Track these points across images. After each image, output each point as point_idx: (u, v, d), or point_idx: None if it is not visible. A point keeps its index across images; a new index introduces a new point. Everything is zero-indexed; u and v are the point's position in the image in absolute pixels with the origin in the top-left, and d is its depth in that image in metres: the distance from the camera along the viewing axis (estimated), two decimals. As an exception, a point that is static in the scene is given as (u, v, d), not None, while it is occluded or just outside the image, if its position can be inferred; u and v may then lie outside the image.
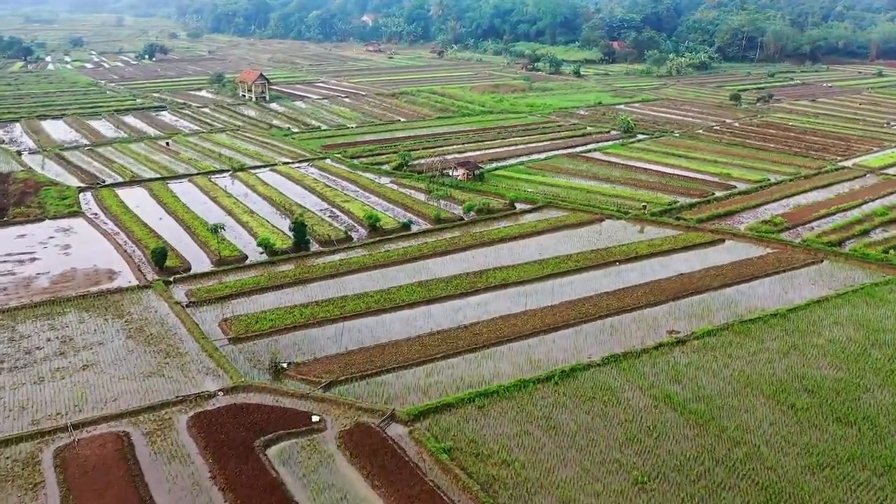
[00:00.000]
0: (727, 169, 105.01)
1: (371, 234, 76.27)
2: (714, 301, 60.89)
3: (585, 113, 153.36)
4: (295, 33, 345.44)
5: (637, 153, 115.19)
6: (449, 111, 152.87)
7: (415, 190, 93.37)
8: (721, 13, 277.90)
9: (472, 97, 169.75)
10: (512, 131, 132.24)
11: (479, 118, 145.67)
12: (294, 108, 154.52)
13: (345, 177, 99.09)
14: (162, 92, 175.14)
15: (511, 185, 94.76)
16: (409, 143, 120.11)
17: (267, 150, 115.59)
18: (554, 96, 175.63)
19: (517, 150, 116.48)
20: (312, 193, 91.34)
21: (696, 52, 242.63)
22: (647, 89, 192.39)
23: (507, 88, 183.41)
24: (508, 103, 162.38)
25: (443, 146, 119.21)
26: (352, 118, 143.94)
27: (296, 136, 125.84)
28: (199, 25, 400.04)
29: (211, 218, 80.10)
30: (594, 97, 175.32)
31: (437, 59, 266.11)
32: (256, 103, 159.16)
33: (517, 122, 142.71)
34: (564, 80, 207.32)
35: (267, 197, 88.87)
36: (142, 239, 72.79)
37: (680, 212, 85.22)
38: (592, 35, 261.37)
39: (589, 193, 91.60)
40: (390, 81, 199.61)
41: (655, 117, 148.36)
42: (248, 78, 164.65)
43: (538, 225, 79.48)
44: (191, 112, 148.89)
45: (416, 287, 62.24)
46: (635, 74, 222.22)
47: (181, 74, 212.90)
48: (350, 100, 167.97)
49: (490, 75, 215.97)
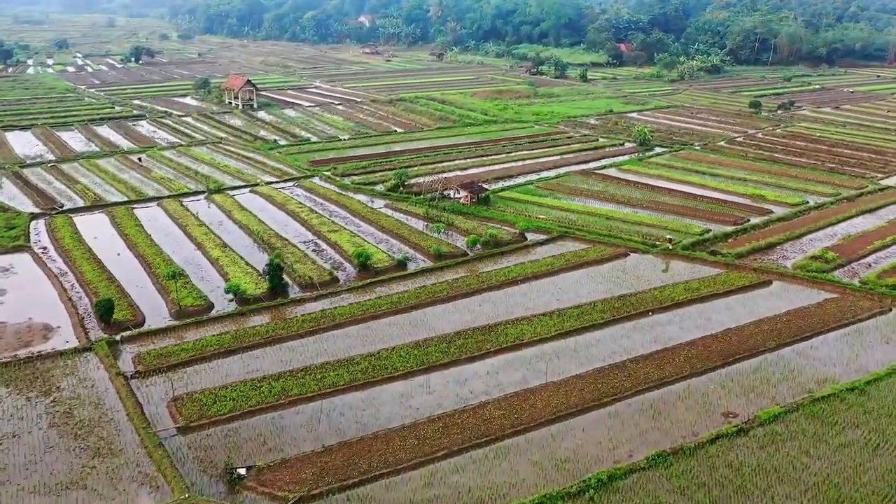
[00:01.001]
0: (759, 189, 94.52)
1: (361, 274, 65.70)
2: (773, 368, 50.31)
3: (596, 122, 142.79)
4: (289, 35, 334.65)
5: (657, 170, 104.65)
6: (449, 120, 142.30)
7: (412, 216, 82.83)
8: (731, 14, 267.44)
9: (474, 104, 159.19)
10: (518, 144, 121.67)
11: (481, 128, 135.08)
12: (283, 117, 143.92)
13: (333, 200, 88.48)
14: (144, 98, 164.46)
15: (520, 210, 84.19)
16: (405, 159, 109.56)
17: (249, 166, 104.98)
18: (561, 103, 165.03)
19: (525, 167, 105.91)
20: (296, 220, 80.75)
21: (707, 55, 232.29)
22: (659, 95, 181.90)
23: (510, 94, 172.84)
24: (512, 111, 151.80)
25: (443, 161, 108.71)
26: (344, 128, 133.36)
27: (282, 150, 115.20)
28: (192, 26, 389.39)
29: (177, 253, 69.61)
30: (604, 104, 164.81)
31: (436, 62, 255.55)
32: (243, 112, 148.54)
33: (523, 132, 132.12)
34: (570, 84, 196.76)
35: (244, 225, 78.23)
36: (92, 282, 62.17)
37: (714, 243, 74.65)
38: (598, 37, 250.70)
39: (608, 220, 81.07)
40: (387, 86, 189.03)
41: (671, 127, 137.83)
42: (234, 84, 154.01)
43: (554, 262, 68.85)
44: (171, 122, 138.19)
45: (413, 349, 51.67)
46: (645, 79, 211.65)
47: (167, 79, 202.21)
48: (343, 107, 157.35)
49: (492, 80, 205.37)
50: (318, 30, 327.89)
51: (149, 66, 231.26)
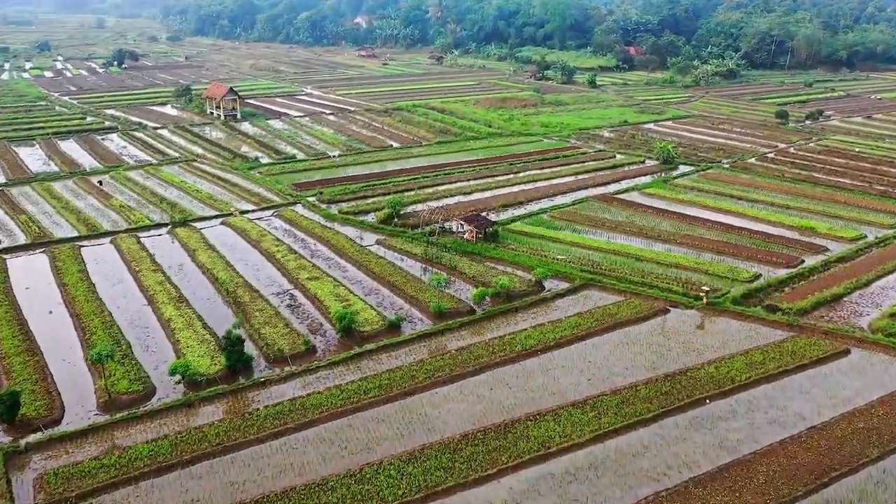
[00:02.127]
0: (806, 219, 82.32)
1: (344, 339, 53.46)
2: (882, 492, 38.13)
3: (611, 135, 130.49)
4: (283, 36, 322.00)
5: (686, 194, 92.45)
6: (450, 133, 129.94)
7: (408, 256, 70.61)
8: (745, 15, 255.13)
9: (477, 114, 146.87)
10: (526, 161, 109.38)
11: (485, 143, 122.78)
12: (268, 130, 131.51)
13: (317, 235, 76.11)
14: (120, 107, 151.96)
15: (534, 248, 71.93)
16: (401, 181, 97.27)
17: (224, 190, 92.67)
18: (570, 112, 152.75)
19: (536, 190, 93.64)
20: (271, 262, 68.46)
21: (720, 59, 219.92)
22: (675, 102, 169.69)
23: (515, 102, 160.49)
24: (519, 122, 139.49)
25: (443, 184, 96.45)
26: (335, 143, 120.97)
27: (263, 171, 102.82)
28: (183, 27, 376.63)
29: (123, 309, 57.49)
30: (617, 113, 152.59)
31: (435, 66, 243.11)
32: (225, 123, 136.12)
33: (531, 147, 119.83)
34: (579, 91, 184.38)
35: (208, 270, 65.92)
36: (7, 355, 49.89)
37: (769, 294, 62.46)
38: (606, 39, 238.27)
39: (639, 261, 68.86)
40: (383, 93, 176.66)
41: (693, 140, 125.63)
42: (215, 93, 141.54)
43: (580, 322, 56.55)
44: (145, 135, 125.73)
45: (406, 463, 39.40)
46: (657, 84, 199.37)
47: (149, 85, 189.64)
48: (335, 117, 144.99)
49: (495, 85, 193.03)
50: (312, 31, 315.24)
51: (132, 71, 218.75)
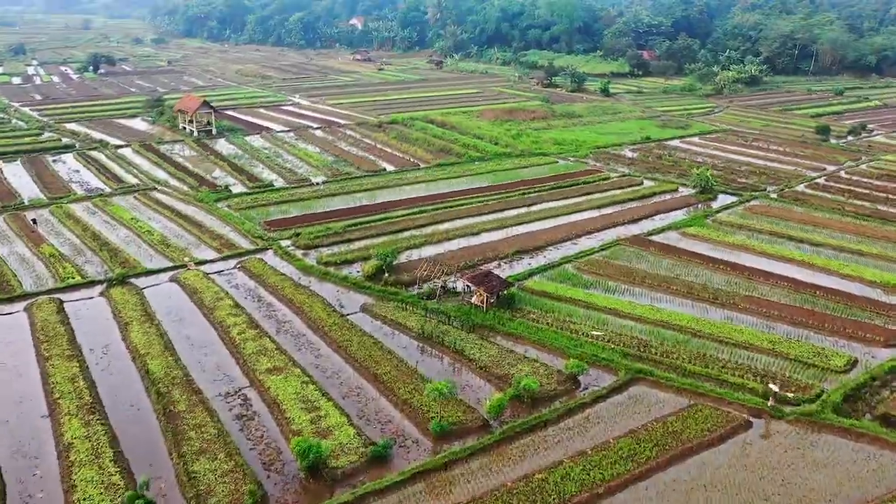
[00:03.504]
0: (888, 271, 67.31)
1: (309, 481, 38.25)
2: None
3: (633, 155, 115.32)
4: (274, 38, 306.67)
5: (735, 235, 77.30)
6: (452, 153, 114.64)
7: (400, 330, 55.52)
8: (763, 16, 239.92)
9: (481, 128, 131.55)
10: (541, 190, 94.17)
11: (492, 165, 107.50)
12: (245, 148, 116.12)
13: (287, 299, 60.78)
14: (84, 120, 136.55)
15: (561, 318, 56.81)
16: (395, 216, 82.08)
17: (183, 230, 77.35)
18: (585, 126, 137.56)
19: (556, 230, 78.38)
20: (223, 343, 53.19)
21: (740, 64, 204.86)
22: (697, 113, 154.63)
23: (523, 115, 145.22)
24: (529, 139, 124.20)
25: (445, 220, 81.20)
26: (320, 165, 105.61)
27: (233, 203, 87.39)
28: (171, 29, 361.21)
29: (9, 426, 42.18)
30: (636, 127, 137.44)
31: (434, 71, 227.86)
32: (197, 140, 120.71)
33: (545, 170, 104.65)
34: (591, 100, 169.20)
35: (139, 356, 50.59)
36: None
37: (876, 391, 47.40)
38: (617, 43, 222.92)
39: (696, 337, 53.93)
40: (377, 103, 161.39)
41: (728, 162, 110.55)
42: (188, 106, 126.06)
43: (634, 449, 41.17)
44: (104, 156, 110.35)
45: None
46: (675, 92, 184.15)
47: (123, 93, 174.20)
48: (323, 133, 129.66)
49: (499, 94, 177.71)
50: (305, 33, 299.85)
51: (108, 77, 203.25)
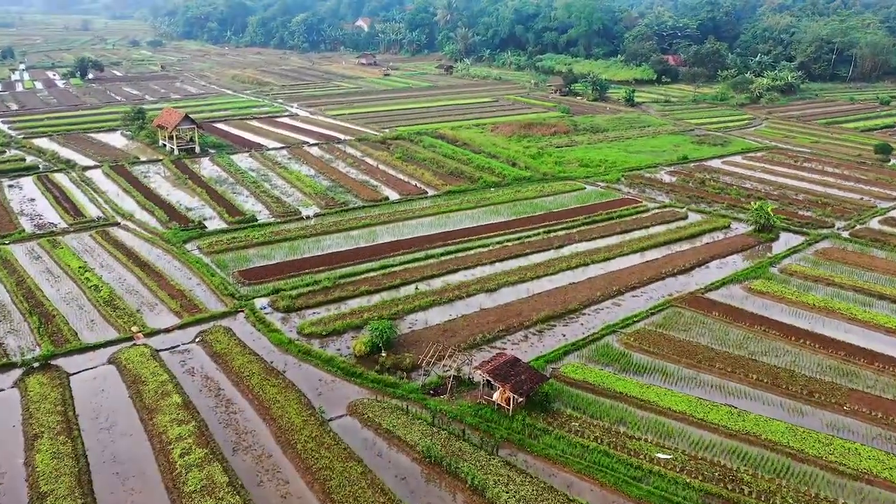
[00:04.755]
0: None
1: None
2: None
3: (671, 179, 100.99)
4: (277, 41, 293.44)
5: (813, 293, 62.96)
6: (464, 176, 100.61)
7: (399, 448, 41.61)
8: (794, 18, 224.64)
9: (497, 145, 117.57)
10: (570, 226, 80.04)
11: (510, 192, 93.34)
12: (230, 170, 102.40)
13: (254, 392, 46.89)
14: (57, 134, 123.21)
15: (611, 426, 42.89)
16: (396, 265, 68.15)
17: (139, 284, 63.54)
18: (612, 143, 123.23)
19: (591, 284, 64.25)
20: (157, 473, 39.37)
21: (773, 69, 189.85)
22: (734, 126, 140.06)
23: (543, 129, 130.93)
24: (551, 159, 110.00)
25: (456, 270, 67.22)
26: (313, 192, 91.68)
27: (205, 244, 73.62)
28: (171, 30, 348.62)
29: None
30: (668, 143, 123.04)
31: (444, 77, 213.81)
32: (177, 160, 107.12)
33: (572, 199, 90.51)
34: (615, 110, 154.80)
35: (37, 498, 36.88)
36: None
37: None
38: (640, 47, 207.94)
39: (797, 461, 40.07)
40: (382, 114, 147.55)
41: (781, 187, 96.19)
42: (168, 121, 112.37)
43: None
44: (68, 179, 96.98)
45: None
46: (705, 101, 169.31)
47: (107, 102, 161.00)
48: (320, 150, 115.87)
49: (514, 103, 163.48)
50: (308, 35, 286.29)
51: (95, 84, 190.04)
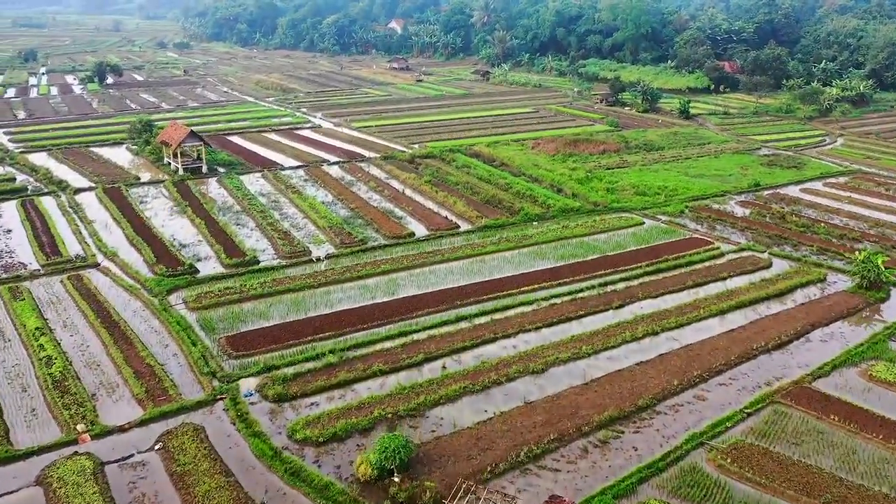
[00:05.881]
0: None
1: None
2: None
3: (744, 211, 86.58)
4: (307, 43, 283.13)
5: (958, 386, 48.65)
6: (502, 205, 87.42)
7: None
8: (860, 21, 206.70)
9: (539, 165, 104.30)
10: (630, 276, 66.40)
11: (557, 229, 79.75)
12: (238, 195, 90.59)
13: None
14: (58, 148, 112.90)
15: None
16: (417, 330, 55.28)
17: (101, 354, 51.55)
18: (669, 164, 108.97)
19: (665, 367, 50.62)
20: None
21: (840, 78, 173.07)
22: (805, 144, 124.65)
23: (591, 146, 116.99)
24: (602, 184, 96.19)
25: (494, 339, 54.15)
26: (328, 225, 79.12)
27: (194, 294, 61.52)
28: (200, 31, 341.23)
29: None
30: (733, 164, 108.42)
31: (479, 83, 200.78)
32: (181, 181, 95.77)
33: (629, 238, 76.66)
34: (669, 123, 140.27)
35: None
36: None
37: None
38: (693, 52, 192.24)
39: None
40: (412, 126, 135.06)
41: (878, 224, 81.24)
42: (172, 137, 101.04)
43: None
44: (58, 203, 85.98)
45: None
46: (768, 113, 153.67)
47: (120, 110, 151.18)
48: (340, 170, 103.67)
49: (557, 115, 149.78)
50: (339, 37, 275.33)
51: (112, 89, 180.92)
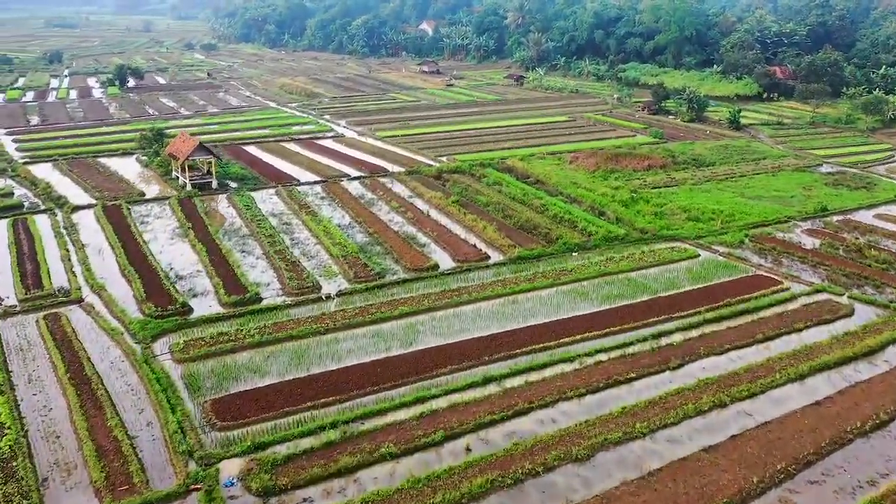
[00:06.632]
0: None
1: None
2: None
3: (813, 242, 76.24)
4: (335, 45, 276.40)
5: None
6: (537, 231, 78.19)
7: None
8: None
9: (577, 183, 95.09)
10: (687, 323, 56.86)
11: (599, 261, 70.23)
12: (248, 215, 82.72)
13: None
14: (65, 158, 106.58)
15: None
16: (436, 395, 46.42)
17: (64, 421, 43.66)
18: (721, 182, 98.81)
19: (741, 458, 40.93)
20: None
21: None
22: (872, 160, 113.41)
23: (634, 161, 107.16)
24: (648, 206, 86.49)
25: (526, 409, 45.03)
26: (342, 253, 70.60)
27: (182, 342, 53.47)
28: (229, 32, 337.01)
29: None
30: (795, 184, 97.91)
31: (513, 88, 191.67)
32: (188, 199, 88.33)
33: (682, 274, 66.94)
34: (717, 135, 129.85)
35: None
36: None
37: None
38: (741, 57, 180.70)
39: None
40: (439, 137, 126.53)
41: (973, 262, 70.48)
42: (180, 150, 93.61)
43: None
44: (52, 224, 79.00)
45: None
46: (826, 124, 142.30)
47: (137, 115, 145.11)
48: (359, 187, 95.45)
49: (596, 124, 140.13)
50: (368, 39, 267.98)
51: (132, 93, 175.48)
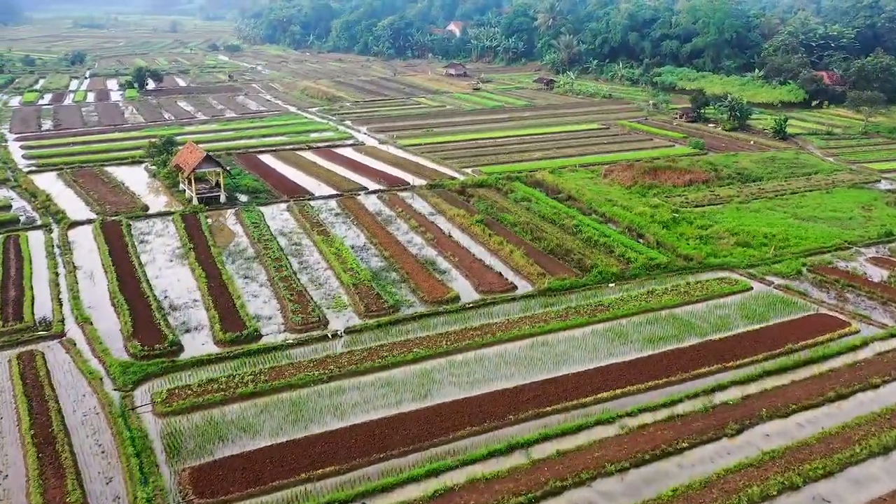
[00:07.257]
0: None
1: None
2: None
3: (880, 273, 67.83)
4: (361, 46, 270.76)
5: None
6: (570, 258, 70.78)
7: None
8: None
9: (612, 201, 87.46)
10: (743, 375, 49.10)
11: (639, 295, 62.59)
12: (255, 234, 76.45)
13: None
14: (71, 166, 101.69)
15: None
16: (455, 465, 39.22)
17: (17, 495, 37.56)
18: (773, 203, 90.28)
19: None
20: None
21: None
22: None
23: (674, 176, 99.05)
24: (692, 228, 78.47)
25: (559, 489, 37.64)
26: (353, 281, 63.94)
27: (167, 392, 46.97)
28: (255, 33, 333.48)
29: None
30: (853, 203, 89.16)
31: (542, 92, 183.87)
32: (192, 214, 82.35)
33: (734, 311, 59.10)
34: (762, 146, 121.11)
35: None
36: None
37: None
38: (785, 61, 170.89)
39: None
40: (464, 146, 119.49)
41: None
42: (187, 161, 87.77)
43: None
44: (45, 242, 73.62)
45: None
46: (882, 134, 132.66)
47: (153, 120, 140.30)
48: (377, 202, 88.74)
49: (631, 133, 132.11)
50: (394, 41, 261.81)
51: (150, 95, 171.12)
